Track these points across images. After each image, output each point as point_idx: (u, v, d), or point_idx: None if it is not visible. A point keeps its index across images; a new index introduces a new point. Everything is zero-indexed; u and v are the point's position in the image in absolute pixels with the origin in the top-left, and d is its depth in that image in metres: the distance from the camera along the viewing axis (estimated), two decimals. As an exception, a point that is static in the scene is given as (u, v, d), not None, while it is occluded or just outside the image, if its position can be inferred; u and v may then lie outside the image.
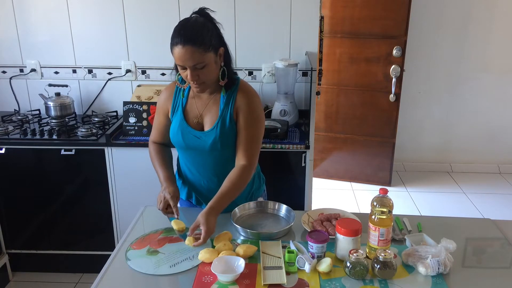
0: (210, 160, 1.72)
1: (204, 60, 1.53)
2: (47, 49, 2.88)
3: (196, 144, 1.69)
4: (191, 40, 1.50)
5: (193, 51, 1.50)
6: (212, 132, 1.67)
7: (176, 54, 1.52)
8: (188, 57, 1.51)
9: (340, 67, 3.83)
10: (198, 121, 1.70)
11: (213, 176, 1.75)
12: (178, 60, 1.53)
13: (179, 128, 1.70)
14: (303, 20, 2.75)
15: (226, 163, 1.71)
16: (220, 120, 1.66)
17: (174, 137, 1.72)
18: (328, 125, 4.04)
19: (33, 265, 2.79)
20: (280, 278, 1.36)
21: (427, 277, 1.37)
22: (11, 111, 2.94)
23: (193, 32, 1.51)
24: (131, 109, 2.54)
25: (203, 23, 1.55)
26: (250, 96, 1.68)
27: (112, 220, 2.64)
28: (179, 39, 1.50)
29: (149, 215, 1.78)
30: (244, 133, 1.67)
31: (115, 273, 1.44)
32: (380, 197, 1.42)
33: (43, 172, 2.60)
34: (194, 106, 1.71)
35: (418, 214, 3.46)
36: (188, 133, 1.70)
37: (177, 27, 1.54)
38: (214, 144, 1.67)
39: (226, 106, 1.67)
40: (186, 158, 1.78)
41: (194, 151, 1.72)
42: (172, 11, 2.76)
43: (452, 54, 4.05)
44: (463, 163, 4.37)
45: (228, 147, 1.69)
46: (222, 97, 1.68)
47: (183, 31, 1.51)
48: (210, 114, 1.69)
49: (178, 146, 1.75)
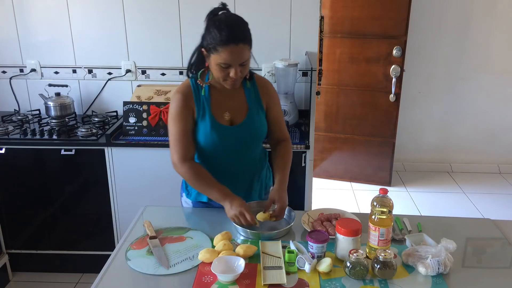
0: (245, 153, 1.75)
1: (249, 56, 1.57)
2: (47, 49, 2.88)
3: (233, 140, 1.69)
4: (243, 38, 1.52)
5: (244, 48, 1.53)
6: (248, 122, 1.69)
7: (226, 53, 1.50)
8: (240, 55, 1.52)
9: (340, 67, 3.83)
10: (228, 117, 1.69)
11: (246, 167, 1.78)
12: (228, 59, 1.51)
13: (213, 128, 1.65)
14: (303, 20, 2.75)
15: (256, 152, 1.81)
16: (253, 110, 1.71)
17: (207, 139, 1.66)
18: (328, 125, 4.04)
19: (33, 265, 2.79)
20: (280, 278, 1.36)
21: (427, 277, 1.37)
22: (11, 111, 2.94)
23: (242, 29, 1.54)
24: (131, 109, 2.54)
25: (242, 19, 1.57)
26: (269, 83, 1.80)
27: (112, 220, 2.64)
28: (231, 38, 1.49)
29: (149, 215, 1.78)
30: (276, 116, 1.80)
31: (115, 273, 1.44)
32: (380, 197, 1.42)
33: (43, 172, 2.60)
34: (219, 103, 1.69)
35: (418, 214, 3.46)
36: (224, 130, 1.67)
37: (222, 25, 1.50)
38: (253, 133, 1.71)
39: (254, 96, 1.72)
40: (216, 158, 1.73)
41: (227, 149, 1.70)
42: (172, 11, 2.76)
43: (452, 54, 4.05)
44: (463, 163, 4.37)
45: (263, 135, 1.77)
46: (246, 88, 1.72)
47: (233, 30, 1.50)
48: (238, 107, 1.70)
49: (212, 147, 1.69)
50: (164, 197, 2.53)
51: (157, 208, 1.85)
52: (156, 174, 2.52)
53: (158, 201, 2.46)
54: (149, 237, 1.58)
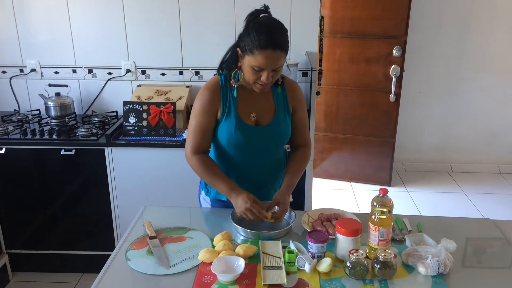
0: (267, 155, 1.76)
1: (283, 63, 1.56)
2: (47, 49, 2.88)
3: (257, 141, 1.69)
4: (281, 44, 1.51)
5: (281, 55, 1.52)
6: (275, 124, 1.70)
7: (262, 58, 1.50)
8: (276, 61, 1.52)
9: (340, 67, 3.83)
10: (254, 118, 1.69)
11: (265, 169, 1.78)
12: (263, 63, 1.51)
13: (237, 127, 1.65)
14: (303, 20, 2.75)
15: (278, 154, 1.81)
16: (280, 113, 1.71)
17: (231, 137, 1.66)
18: (328, 125, 4.04)
19: (33, 265, 2.79)
20: (280, 278, 1.36)
21: (427, 277, 1.37)
22: (11, 111, 2.94)
23: (282, 36, 1.53)
24: (131, 109, 2.54)
25: (283, 25, 1.56)
26: (297, 87, 1.79)
27: (112, 220, 2.64)
28: (269, 43, 1.48)
29: (149, 215, 1.78)
30: (301, 120, 1.79)
31: (115, 273, 1.44)
32: (380, 197, 1.42)
33: (43, 172, 2.60)
34: (246, 104, 1.69)
35: (418, 214, 3.46)
36: (249, 130, 1.67)
37: (263, 29, 1.50)
38: (279, 136, 1.72)
39: (282, 99, 1.72)
40: (238, 158, 1.73)
41: (250, 149, 1.70)
42: (172, 11, 2.76)
43: (452, 54, 4.05)
44: (463, 163, 4.37)
45: (287, 137, 1.78)
46: (275, 91, 1.71)
47: (272, 35, 1.50)
48: (266, 108, 1.70)
49: (235, 146, 1.69)
50: (164, 197, 2.54)
51: (157, 208, 1.85)
52: (156, 174, 2.52)
53: (158, 201, 2.47)
54: (149, 237, 1.58)
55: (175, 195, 2.51)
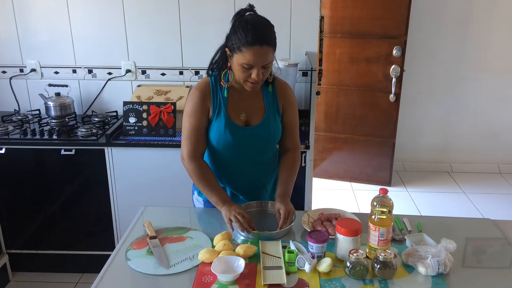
0: (257, 155, 1.75)
1: (272, 59, 1.57)
2: (47, 49, 2.88)
3: (247, 141, 1.69)
4: (268, 40, 1.52)
5: (269, 50, 1.53)
6: (264, 125, 1.69)
7: (250, 54, 1.50)
8: (264, 57, 1.52)
9: (340, 67, 3.83)
10: (244, 118, 1.70)
11: (257, 169, 1.78)
12: (251, 60, 1.51)
13: (226, 127, 1.66)
14: (303, 20, 2.75)
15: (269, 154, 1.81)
16: (270, 112, 1.70)
17: (221, 137, 1.67)
18: (328, 125, 4.04)
19: (33, 265, 2.79)
20: (280, 278, 1.36)
21: (427, 277, 1.37)
22: (11, 111, 2.94)
23: (268, 32, 1.54)
24: (131, 109, 2.54)
25: (269, 22, 1.57)
26: (288, 87, 1.78)
27: (112, 220, 2.64)
28: (256, 39, 1.49)
29: (149, 215, 1.78)
30: (290, 121, 1.77)
31: (115, 273, 1.44)
32: (380, 197, 1.42)
33: (43, 172, 2.60)
34: (236, 103, 1.69)
35: (418, 214, 3.46)
36: (239, 131, 1.67)
37: (249, 26, 1.50)
38: (268, 136, 1.71)
39: (271, 99, 1.71)
40: (228, 158, 1.73)
41: (240, 149, 1.70)
42: (172, 11, 2.76)
43: (452, 54, 4.05)
44: (463, 163, 4.37)
45: (278, 138, 1.77)
46: (266, 91, 1.71)
47: (258, 31, 1.50)
48: (256, 109, 1.70)
49: (224, 146, 1.69)
50: (164, 197, 2.54)
51: (157, 208, 1.85)
52: (156, 174, 2.52)
53: (158, 201, 2.47)
54: (149, 237, 1.58)
55: (175, 195, 2.50)
